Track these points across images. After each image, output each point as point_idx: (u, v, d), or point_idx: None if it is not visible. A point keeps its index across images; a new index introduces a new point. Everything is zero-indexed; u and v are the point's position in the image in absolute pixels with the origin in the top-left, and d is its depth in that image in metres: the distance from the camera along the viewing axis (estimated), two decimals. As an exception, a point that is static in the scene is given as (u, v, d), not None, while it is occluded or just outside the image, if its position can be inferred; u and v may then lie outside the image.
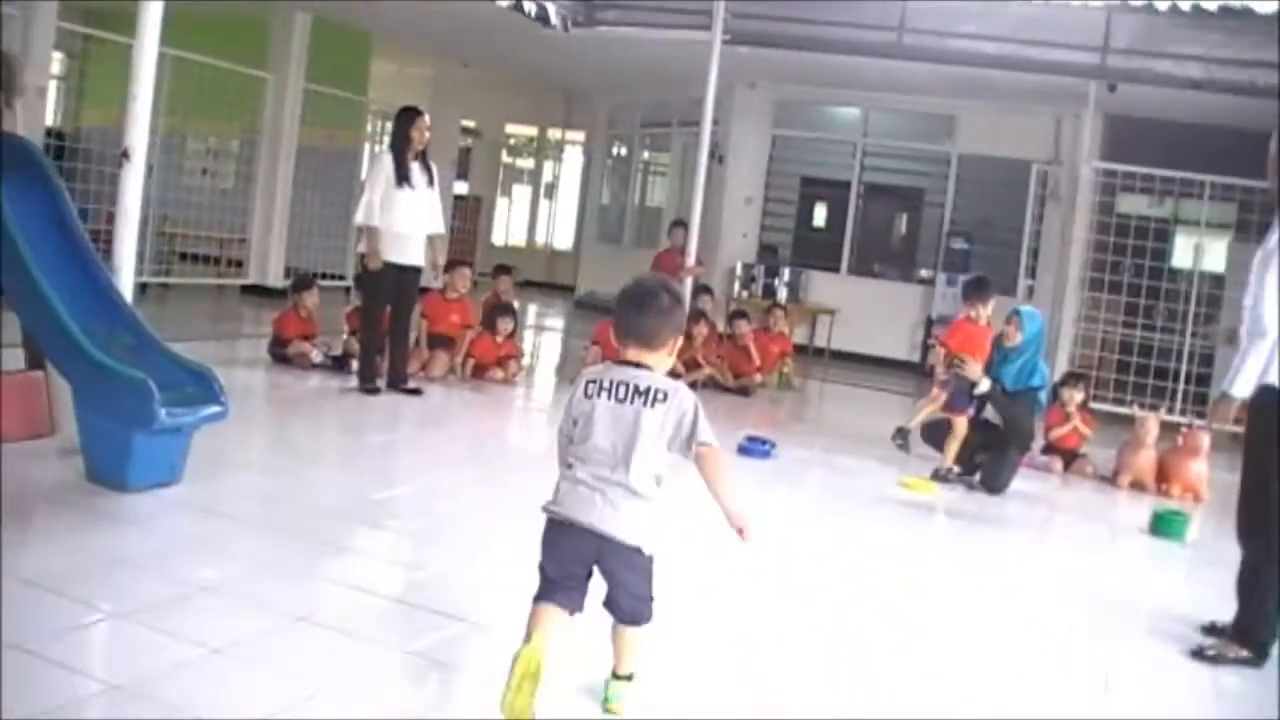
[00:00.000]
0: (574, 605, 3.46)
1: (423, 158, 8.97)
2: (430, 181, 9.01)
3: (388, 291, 8.85)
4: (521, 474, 7.05)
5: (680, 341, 3.65)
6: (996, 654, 4.78)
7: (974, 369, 8.19)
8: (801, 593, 5.25)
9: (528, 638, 3.31)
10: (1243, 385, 4.84)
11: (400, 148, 8.83)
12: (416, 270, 8.99)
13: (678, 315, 3.56)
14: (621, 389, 3.45)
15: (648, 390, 3.44)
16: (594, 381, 3.48)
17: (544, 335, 16.66)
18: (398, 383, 8.99)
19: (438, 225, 9.15)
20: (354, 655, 3.80)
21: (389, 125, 9.32)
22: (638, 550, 3.43)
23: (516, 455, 8.18)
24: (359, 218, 8.76)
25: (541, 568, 3.50)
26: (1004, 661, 4.70)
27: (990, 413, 8.29)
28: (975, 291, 8.46)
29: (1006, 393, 8.20)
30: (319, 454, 7.24)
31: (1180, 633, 5.29)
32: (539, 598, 3.45)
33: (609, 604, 3.51)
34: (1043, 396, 8.44)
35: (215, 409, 5.61)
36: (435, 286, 10.24)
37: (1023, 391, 8.22)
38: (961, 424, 8.31)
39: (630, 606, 3.50)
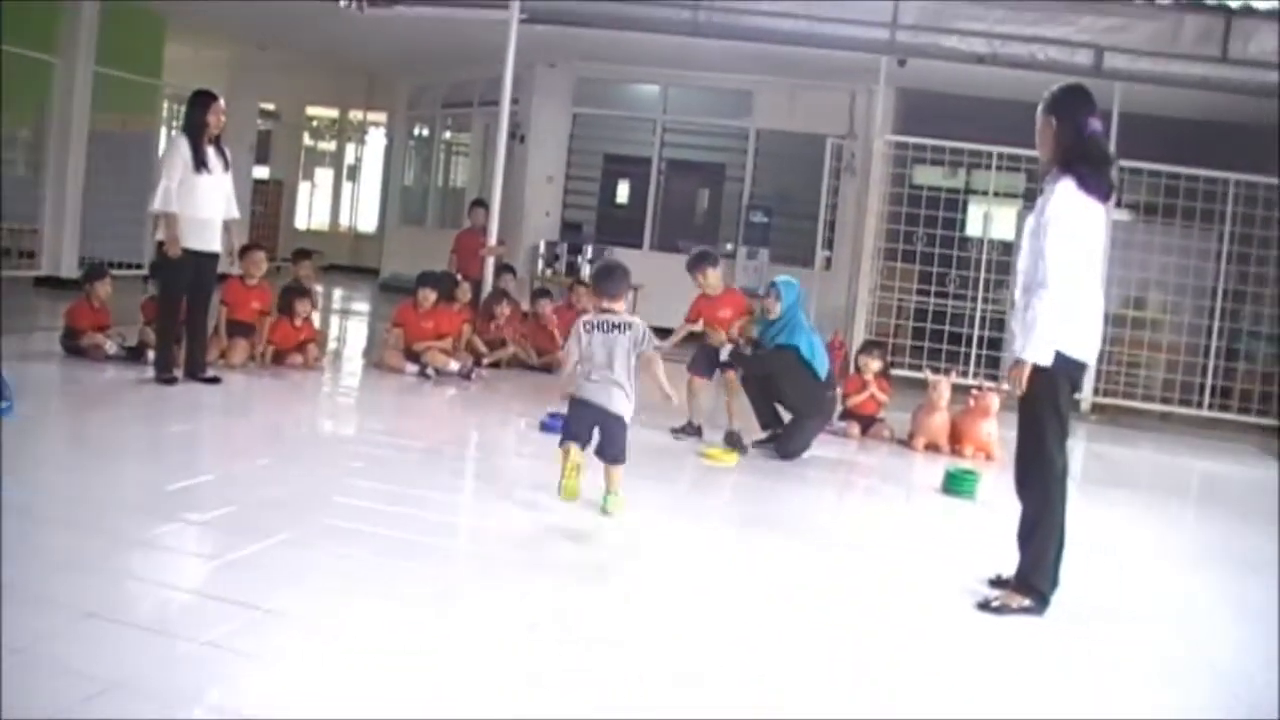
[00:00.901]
0: (584, 444, 6.11)
1: (217, 142, 8.81)
2: (226, 166, 8.87)
3: (186, 279, 8.66)
4: (321, 460, 6.99)
5: (628, 296, 6.65)
6: (789, 612, 4.90)
7: (717, 335, 8.74)
8: (579, 564, 5.33)
9: (565, 455, 6.01)
10: (1036, 349, 5.02)
11: (195, 133, 8.65)
12: (214, 257, 8.83)
13: (626, 280, 6.39)
14: (605, 325, 6.13)
15: (619, 324, 6.13)
16: (589, 323, 6.15)
17: (350, 319, 16.46)
18: (196, 372, 8.80)
19: (234, 210, 9.01)
20: (146, 649, 3.72)
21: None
22: (620, 418, 6.10)
23: (316, 441, 8.07)
24: (156, 204, 8.54)
25: (566, 424, 6.18)
26: (795, 619, 4.82)
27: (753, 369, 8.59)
28: (696, 263, 9.04)
29: (761, 350, 8.53)
30: (116, 447, 7.04)
31: (969, 586, 5.48)
32: (564, 440, 6.08)
33: (600, 451, 6.15)
34: (816, 362, 8.61)
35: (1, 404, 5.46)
36: (234, 273, 10.04)
37: (781, 349, 8.47)
38: (698, 383, 8.90)
39: (612, 453, 6.14)
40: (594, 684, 3.88)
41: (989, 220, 14.07)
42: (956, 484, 7.75)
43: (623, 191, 17.88)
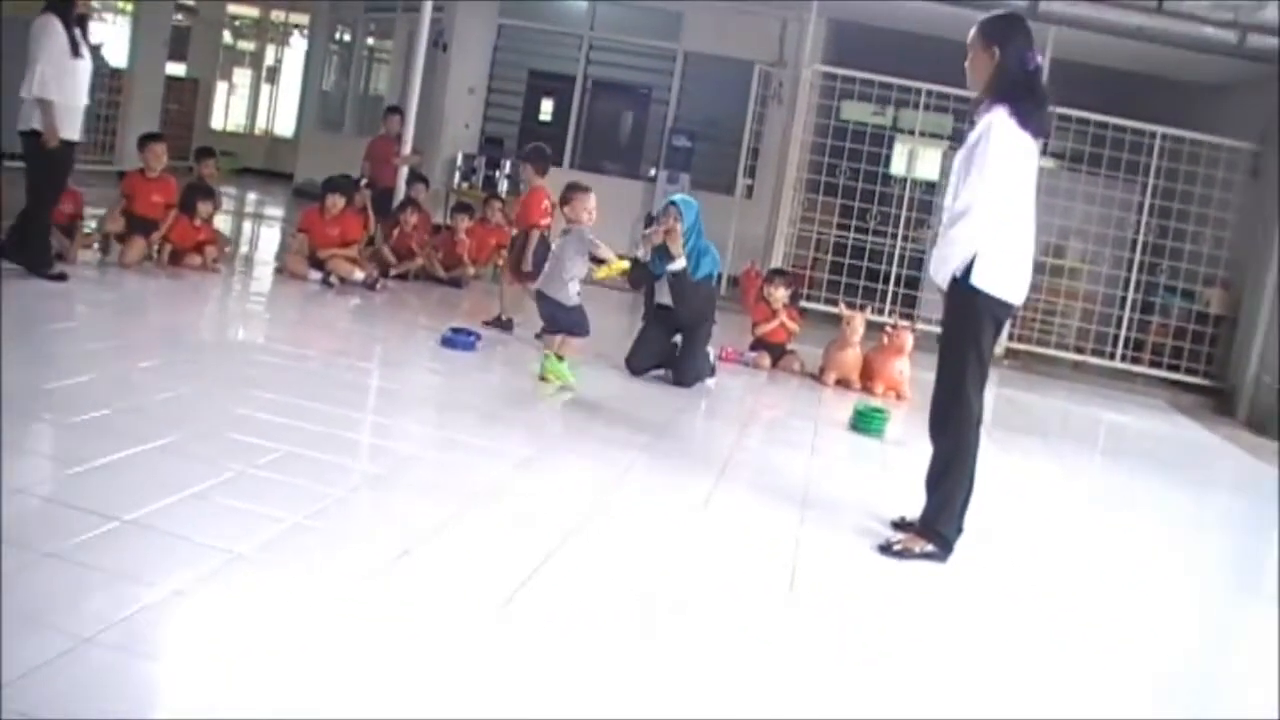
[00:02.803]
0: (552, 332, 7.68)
1: (83, 23, 8.34)
2: (89, 49, 8.39)
3: (66, 171, 8.29)
4: (211, 366, 6.73)
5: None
6: (683, 549, 4.73)
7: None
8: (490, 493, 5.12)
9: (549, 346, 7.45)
10: (941, 272, 4.90)
11: (65, 13, 8.10)
12: (74, 145, 8.41)
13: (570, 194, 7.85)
14: (563, 234, 7.71)
15: (565, 231, 7.69)
16: (563, 233, 7.74)
17: (261, 224, 16.05)
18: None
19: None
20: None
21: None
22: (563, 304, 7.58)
23: (208, 346, 7.78)
24: (34, 90, 8.00)
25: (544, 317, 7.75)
26: (689, 556, 4.65)
27: (667, 297, 8.32)
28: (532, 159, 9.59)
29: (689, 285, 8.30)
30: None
31: (871, 528, 5.37)
32: (544, 333, 7.96)
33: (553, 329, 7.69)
34: (716, 272, 8.53)
35: None
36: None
37: (702, 281, 8.32)
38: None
39: (566, 325, 7.63)
40: (452, 599, 3.69)
41: (914, 158, 13.94)
42: (865, 422, 7.64)
43: (546, 108, 17.60)
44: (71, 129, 8.20)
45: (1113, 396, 11.81)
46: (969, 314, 4.91)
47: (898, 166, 14.79)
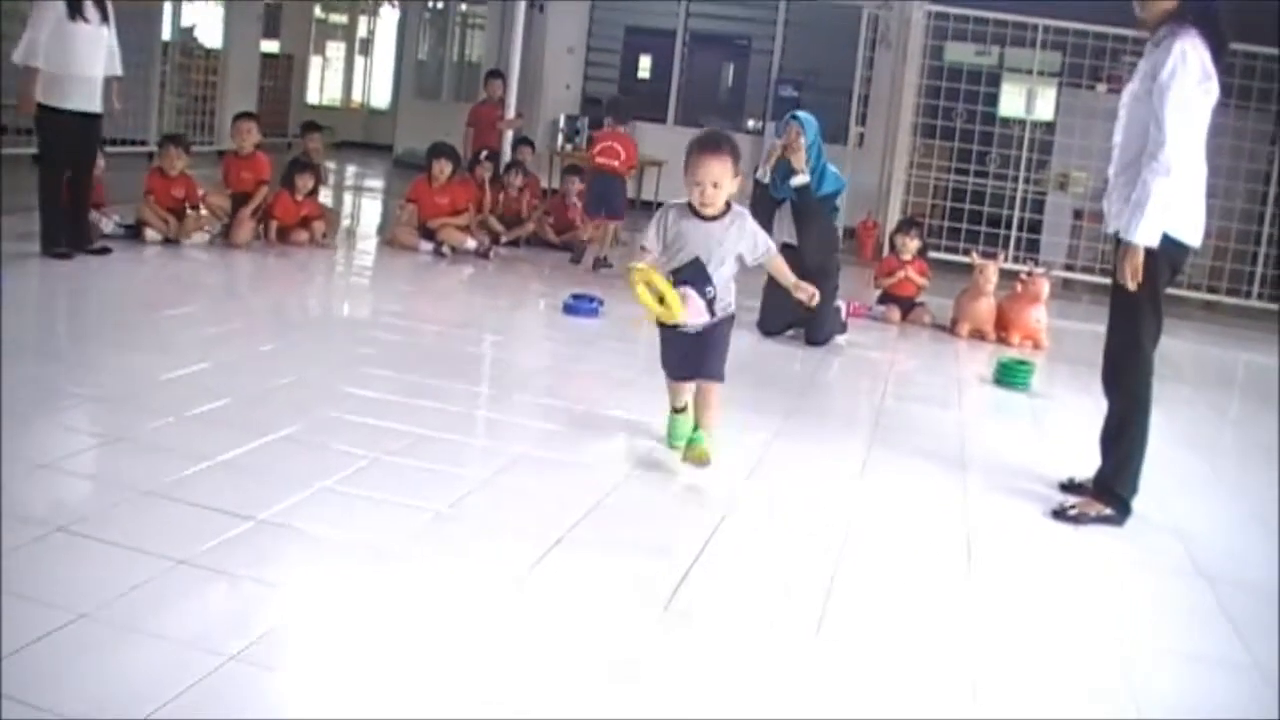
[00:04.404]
0: None
1: None
2: (104, 18, 8.09)
3: (67, 143, 7.98)
4: (329, 346, 6.51)
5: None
6: (848, 523, 4.41)
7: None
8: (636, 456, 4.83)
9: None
10: (1148, 232, 4.42)
11: None
12: (97, 118, 8.15)
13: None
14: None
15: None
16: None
17: (363, 196, 15.88)
18: (81, 244, 8.14)
19: (116, 67, 8.25)
20: (119, 570, 3.23)
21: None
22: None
23: (324, 325, 7.58)
24: (18, 56, 7.76)
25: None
26: (855, 530, 4.33)
27: (788, 233, 7.91)
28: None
29: (795, 204, 7.94)
30: (99, 332, 6.55)
31: (1037, 490, 5.04)
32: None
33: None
34: (840, 202, 8.21)
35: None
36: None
37: (825, 199, 7.97)
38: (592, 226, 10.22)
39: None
40: (613, 595, 3.40)
41: (1032, 98, 13.40)
42: (1009, 375, 7.25)
43: (645, 65, 17.28)
44: (79, 99, 7.92)
45: (1250, 338, 11.23)
46: (1147, 261, 4.49)
47: (1012, 107, 14.26)
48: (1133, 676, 3.37)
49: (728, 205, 4.66)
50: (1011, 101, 14.08)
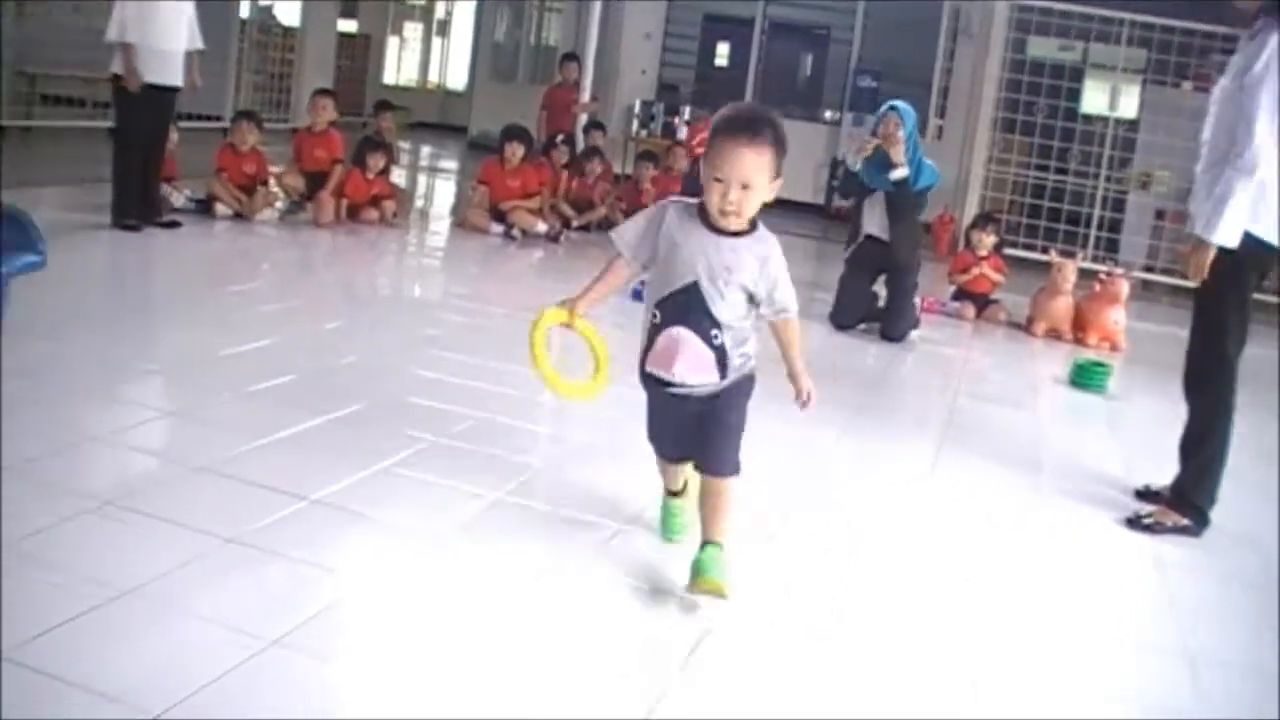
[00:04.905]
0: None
1: None
2: None
3: (146, 116, 7.97)
4: (395, 326, 6.45)
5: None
6: (913, 523, 4.29)
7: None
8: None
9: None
10: (1227, 232, 4.24)
11: None
12: (175, 91, 8.14)
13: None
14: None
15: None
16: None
17: (437, 177, 15.87)
18: (151, 217, 8.10)
19: (198, 40, 8.23)
20: (167, 546, 3.17)
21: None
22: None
23: (391, 304, 7.53)
24: (112, 34, 7.78)
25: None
26: (920, 531, 4.20)
27: (877, 225, 7.77)
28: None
29: (892, 200, 7.74)
30: (164, 305, 6.54)
31: (1112, 497, 4.87)
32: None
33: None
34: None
35: (31, 258, 4.86)
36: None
37: (920, 193, 7.83)
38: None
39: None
40: (673, 583, 3.30)
41: (1116, 95, 13.14)
42: (1085, 376, 7.07)
43: (722, 52, 17.12)
44: (160, 72, 7.90)
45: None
46: (1231, 260, 4.32)
47: (1095, 104, 14.01)
48: (1199, 687, 3.24)
49: (754, 222, 3.29)
50: (1094, 98, 13.85)
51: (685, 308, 3.26)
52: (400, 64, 24.74)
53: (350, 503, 3.62)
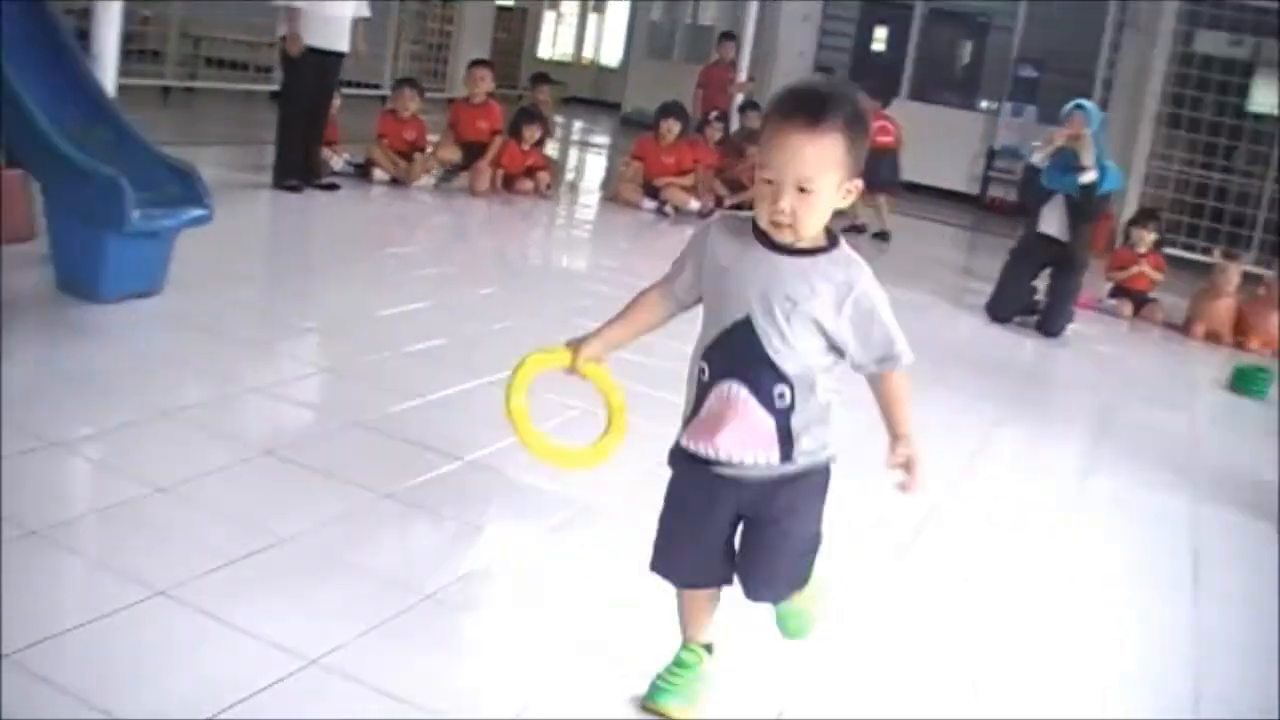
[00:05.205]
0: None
1: None
2: None
3: (310, 80, 8.03)
4: (546, 295, 6.49)
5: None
6: (1066, 527, 4.20)
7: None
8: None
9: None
10: None
11: None
12: (340, 57, 8.20)
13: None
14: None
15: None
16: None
17: (588, 151, 15.94)
18: (312, 179, 8.22)
19: (364, 9, 8.32)
20: (324, 498, 3.23)
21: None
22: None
23: (544, 274, 7.58)
24: None
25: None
26: (1073, 536, 4.12)
27: (1055, 226, 7.59)
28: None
29: (1074, 201, 7.49)
30: (323, 265, 6.66)
31: (1270, 506, 4.69)
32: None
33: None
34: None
35: (198, 212, 4.99)
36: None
37: (1103, 197, 7.66)
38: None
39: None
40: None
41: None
42: (1247, 382, 6.87)
43: (880, 36, 16.92)
44: (327, 38, 7.97)
45: None
46: None
47: (1265, 102, 13.59)
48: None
49: (831, 236, 2.36)
50: (1264, 96, 13.42)
51: (736, 354, 2.40)
52: (555, 38, 24.87)
53: (504, 466, 3.65)
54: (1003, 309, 7.68)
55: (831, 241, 2.34)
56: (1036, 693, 2.93)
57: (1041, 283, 7.76)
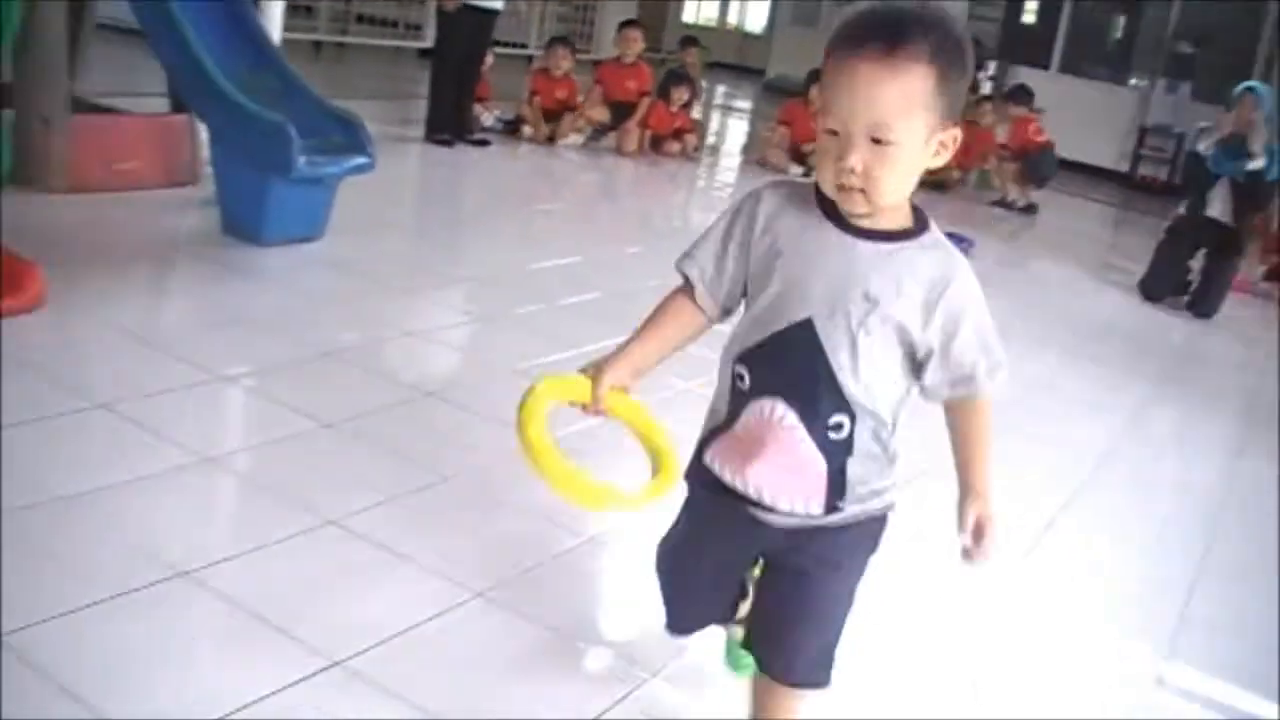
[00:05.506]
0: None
1: None
2: None
3: (463, 36, 8.13)
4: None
5: None
6: (1221, 506, 4.13)
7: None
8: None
9: None
10: None
11: None
12: (493, 15, 8.29)
13: None
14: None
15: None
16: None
17: (730, 116, 15.90)
18: (463, 134, 8.32)
19: None
20: (478, 436, 3.33)
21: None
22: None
23: (689, 234, 7.57)
24: None
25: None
26: (1228, 518, 4.05)
27: (1220, 209, 7.40)
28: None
29: (1242, 186, 7.33)
30: (474, 218, 6.76)
31: None
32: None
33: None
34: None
35: (361, 160, 5.09)
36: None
37: (1274, 184, 7.44)
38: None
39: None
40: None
41: None
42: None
43: (1031, 8, 16.63)
44: None
45: None
46: None
47: None
48: None
49: (919, 215, 1.82)
50: None
51: (788, 366, 1.83)
52: (700, 4, 24.81)
53: (661, 419, 3.67)
54: (1156, 288, 7.52)
55: (920, 224, 1.80)
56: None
57: (1195, 263, 7.59)
